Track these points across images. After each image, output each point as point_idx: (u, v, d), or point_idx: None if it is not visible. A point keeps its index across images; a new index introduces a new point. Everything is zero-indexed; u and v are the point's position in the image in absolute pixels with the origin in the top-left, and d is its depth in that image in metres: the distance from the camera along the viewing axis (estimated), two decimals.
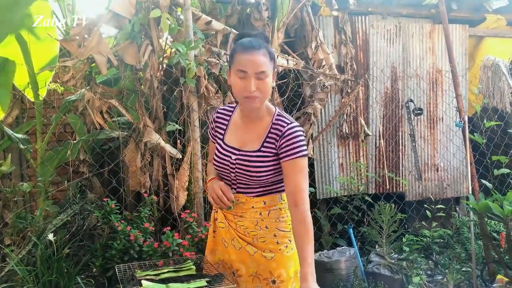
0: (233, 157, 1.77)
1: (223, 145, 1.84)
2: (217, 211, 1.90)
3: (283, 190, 1.82)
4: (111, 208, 2.94)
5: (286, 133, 1.70)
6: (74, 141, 3.39)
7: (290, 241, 1.81)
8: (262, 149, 1.73)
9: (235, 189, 1.82)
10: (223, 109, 1.91)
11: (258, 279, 1.79)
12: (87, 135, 3.50)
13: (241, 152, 1.76)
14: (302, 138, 1.72)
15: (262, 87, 1.65)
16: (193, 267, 1.78)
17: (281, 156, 1.71)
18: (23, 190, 3.22)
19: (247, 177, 1.76)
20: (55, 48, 3.36)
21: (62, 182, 3.44)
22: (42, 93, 3.37)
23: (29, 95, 3.38)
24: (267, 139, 1.74)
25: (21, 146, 3.28)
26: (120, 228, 2.83)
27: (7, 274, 2.74)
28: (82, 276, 2.94)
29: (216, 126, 1.90)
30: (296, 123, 1.74)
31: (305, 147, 1.72)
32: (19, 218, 3.03)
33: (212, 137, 1.95)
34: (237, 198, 1.80)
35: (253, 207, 1.79)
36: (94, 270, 2.84)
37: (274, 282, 1.78)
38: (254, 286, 1.80)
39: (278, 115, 1.77)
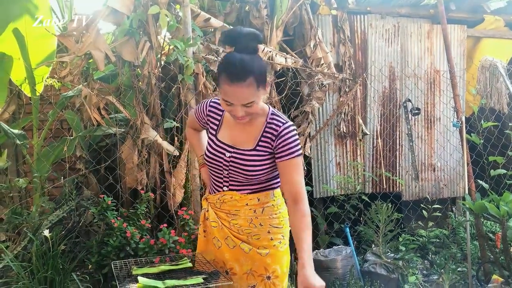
0: (227, 154, 1.76)
1: (216, 141, 1.82)
2: (207, 210, 1.89)
3: (276, 187, 1.84)
4: (107, 205, 2.93)
5: (282, 133, 1.70)
6: (71, 137, 3.38)
7: (283, 236, 1.83)
8: (258, 148, 1.74)
9: (227, 186, 1.81)
10: (216, 103, 1.87)
11: (253, 276, 1.79)
12: (84, 131, 3.48)
13: (235, 150, 1.76)
14: (297, 137, 1.74)
15: (249, 111, 1.65)
16: (190, 264, 1.77)
17: (277, 156, 1.72)
18: (19, 186, 3.20)
19: (241, 175, 1.75)
20: (53, 43, 3.34)
21: (58, 179, 3.42)
22: (39, 89, 3.35)
23: (26, 90, 3.36)
24: (262, 138, 1.74)
25: (18, 142, 3.26)
26: (116, 225, 2.82)
27: (2, 270, 2.72)
28: (78, 273, 2.92)
29: (209, 120, 1.88)
30: (290, 123, 1.75)
31: (300, 146, 1.73)
32: (14, 214, 3.02)
33: (198, 119, 1.92)
34: (230, 196, 1.79)
35: (247, 204, 1.79)
36: (90, 266, 2.83)
37: (269, 278, 1.79)
38: (249, 283, 1.80)
39: (272, 114, 1.77)
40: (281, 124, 1.72)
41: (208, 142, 1.86)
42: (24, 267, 2.61)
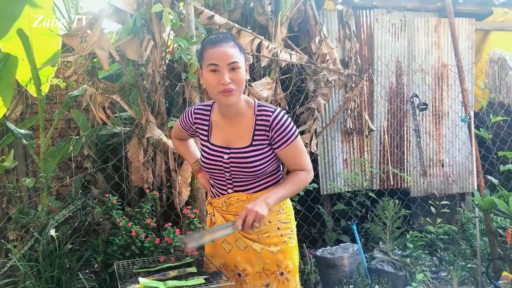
0: (226, 156, 1.74)
1: (210, 146, 1.79)
2: (214, 215, 1.87)
3: (279, 181, 1.84)
4: (112, 204, 2.93)
5: (274, 123, 1.69)
6: (77, 137, 3.39)
7: (292, 231, 1.85)
8: (254, 143, 1.72)
9: (231, 188, 1.79)
10: (200, 109, 1.86)
11: (266, 274, 1.80)
12: (90, 130, 3.49)
13: (232, 150, 1.74)
14: (289, 121, 1.72)
15: (236, 78, 1.62)
16: (194, 267, 1.76)
17: (275, 146, 1.72)
18: (26, 185, 3.22)
19: (243, 173, 1.74)
20: (57, 43, 3.34)
21: (65, 178, 3.44)
22: (45, 89, 3.36)
23: (32, 90, 3.38)
24: (256, 132, 1.72)
25: (24, 142, 3.29)
26: (122, 224, 2.83)
27: (10, 270, 2.74)
28: (87, 271, 2.95)
29: (197, 128, 1.86)
30: (278, 109, 1.74)
31: (294, 128, 1.73)
32: (22, 213, 3.04)
33: (185, 129, 1.93)
34: (236, 197, 1.78)
35: None
36: (96, 265, 2.84)
37: (282, 274, 1.80)
38: (262, 283, 1.80)
39: (258, 105, 1.75)
40: (270, 114, 1.71)
41: (202, 149, 1.83)
42: (31, 267, 2.62)
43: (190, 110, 1.88)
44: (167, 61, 3.50)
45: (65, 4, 3.87)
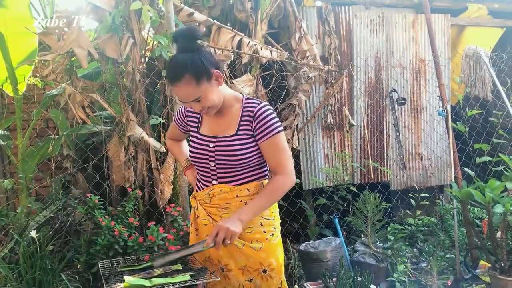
0: (211, 145, 1.79)
1: (199, 136, 1.86)
2: (197, 208, 1.89)
3: (265, 177, 1.86)
4: (94, 204, 2.90)
5: (258, 114, 1.74)
6: (56, 137, 3.34)
7: (275, 229, 1.85)
8: (239, 132, 1.77)
9: (215, 180, 1.81)
10: None
11: (248, 271, 1.81)
12: (70, 130, 3.44)
13: (218, 139, 1.79)
14: (274, 115, 1.77)
15: (205, 104, 1.70)
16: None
17: (257, 137, 1.76)
18: (4, 187, 3.16)
19: (228, 162, 1.77)
20: (34, 41, 3.28)
21: (45, 178, 3.39)
22: (22, 88, 3.30)
23: (8, 90, 3.31)
24: (242, 123, 1.78)
25: (1, 143, 3.22)
26: (104, 224, 2.80)
27: None
28: (69, 272, 2.91)
29: (188, 121, 1.94)
30: (265, 103, 1.80)
31: (278, 124, 1.77)
32: (0, 215, 2.98)
33: (178, 125, 2.02)
34: (220, 189, 1.80)
35: (237, 196, 1.79)
36: (79, 266, 2.81)
37: (265, 271, 1.81)
38: (245, 279, 1.81)
39: (246, 99, 1.82)
40: (256, 105, 1.77)
41: (191, 141, 1.89)
42: (12, 269, 2.58)
43: (183, 105, 1.97)
44: (147, 59, 3.47)
45: (40, 2, 3.79)
